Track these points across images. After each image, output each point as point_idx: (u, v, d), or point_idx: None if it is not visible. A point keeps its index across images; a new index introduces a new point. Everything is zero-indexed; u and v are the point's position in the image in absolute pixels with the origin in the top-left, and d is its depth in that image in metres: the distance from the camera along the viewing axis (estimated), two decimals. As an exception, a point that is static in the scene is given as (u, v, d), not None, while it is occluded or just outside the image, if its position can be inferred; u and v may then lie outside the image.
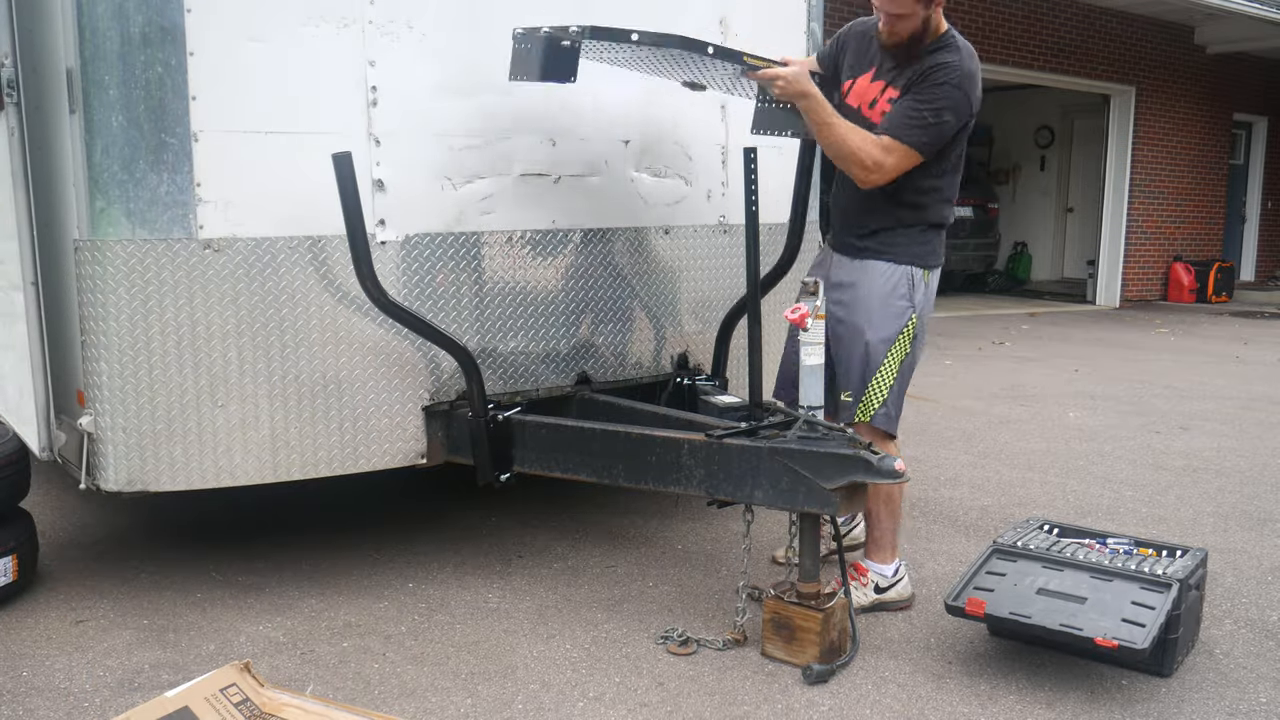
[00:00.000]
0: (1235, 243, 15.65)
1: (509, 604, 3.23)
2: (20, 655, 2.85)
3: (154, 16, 2.78)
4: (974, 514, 4.21)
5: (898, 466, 2.58)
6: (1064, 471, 4.88)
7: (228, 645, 2.92)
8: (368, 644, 2.94)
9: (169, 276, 2.87)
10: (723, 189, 3.82)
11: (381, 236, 3.12)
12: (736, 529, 3.65)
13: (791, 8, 3.94)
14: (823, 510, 2.72)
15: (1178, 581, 2.71)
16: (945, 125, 2.95)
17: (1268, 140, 15.65)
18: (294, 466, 3.09)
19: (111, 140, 2.80)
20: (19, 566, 3.16)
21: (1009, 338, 9.84)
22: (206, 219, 2.89)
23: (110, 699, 2.61)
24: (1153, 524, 4.10)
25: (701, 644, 2.94)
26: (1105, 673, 2.80)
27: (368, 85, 3.07)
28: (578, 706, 2.60)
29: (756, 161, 3.24)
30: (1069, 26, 12.09)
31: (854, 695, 2.68)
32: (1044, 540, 3.05)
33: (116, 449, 2.89)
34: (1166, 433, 5.75)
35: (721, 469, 2.86)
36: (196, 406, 2.94)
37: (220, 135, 2.89)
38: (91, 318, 2.85)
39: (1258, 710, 2.63)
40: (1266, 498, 4.50)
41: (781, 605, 2.82)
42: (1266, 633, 3.09)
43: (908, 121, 2.93)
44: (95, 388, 2.88)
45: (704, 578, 3.47)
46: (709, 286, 3.85)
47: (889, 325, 3.09)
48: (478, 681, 2.71)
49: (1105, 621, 2.63)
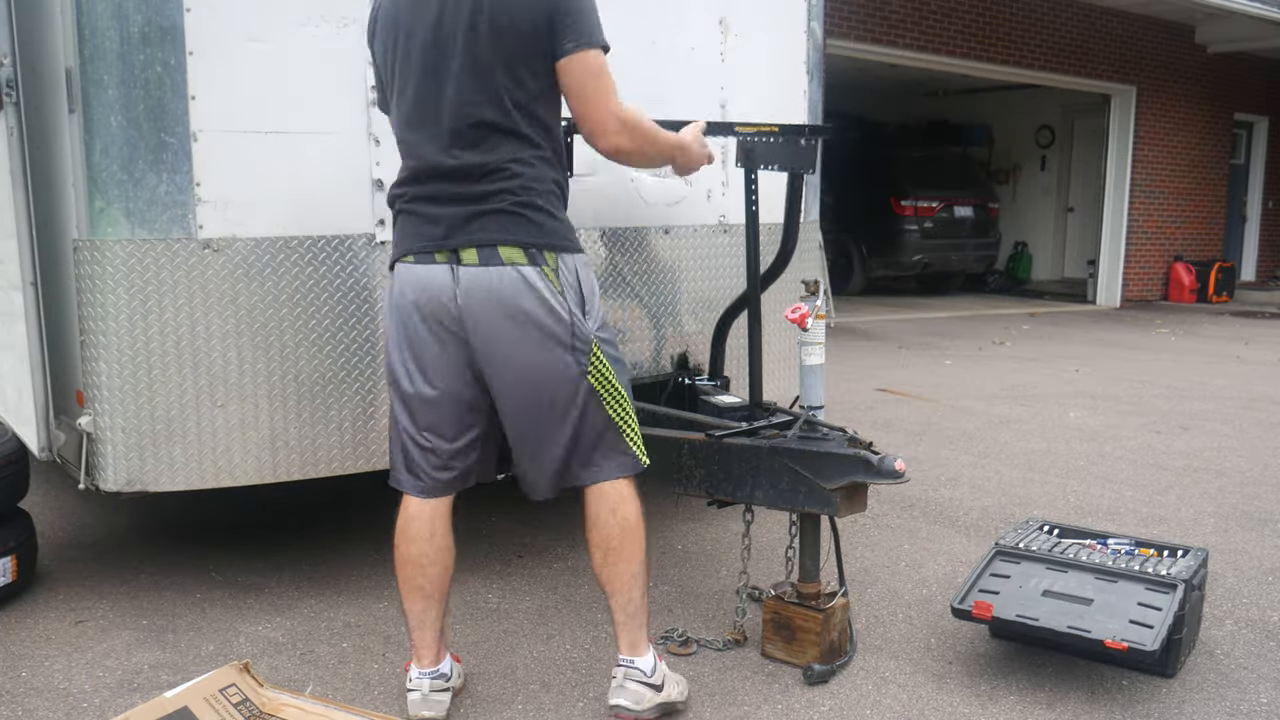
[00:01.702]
0: (1236, 242, 15.65)
1: (509, 604, 3.22)
2: (19, 655, 2.84)
3: (153, 16, 2.77)
4: (974, 514, 4.20)
5: (898, 466, 2.58)
6: (1064, 471, 4.87)
7: (227, 645, 2.92)
8: (368, 644, 2.94)
9: (168, 276, 2.86)
10: (723, 189, 3.81)
11: (381, 236, 3.12)
12: (736, 529, 3.64)
13: (791, 8, 3.94)
14: (823, 510, 2.72)
15: (1183, 582, 2.70)
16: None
17: (1268, 140, 15.65)
18: (294, 466, 3.09)
19: (111, 140, 2.79)
20: (18, 567, 3.15)
21: (1009, 338, 9.84)
22: (206, 219, 2.89)
23: (110, 699, 2.61)
24: (1153, 524, 4.09)
25: (701, 644, 2.94)
26: (1106, 673, 2.80)
27: (368, 85, 3.06)
28: (578, 707, 2.60)
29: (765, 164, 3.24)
30: (1069, 26, 12.08)
31: (854, 695, 2.68)
32: (1045, 541, 3.05)
33: (116, 449, 2.89)
34: (1167, 433, 5.74)
35: (721, 469, 2.86)
36: (196, 406, 2.93)
37: (220, 135, 2.89)
38: (91, 318, 2.85)
39: (1259, 711, 2.63)
40: (1267, 498, 4.50)
41: (781, 605, 2.82)
42: (1267, 633, 3.09)
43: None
44: (94, 388, 2.87)
45: (704, 578, 3.46)
46: (709, 286, 3.84)
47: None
48: (478, 681, 2.70)
49: (1113, 623, 2.62)
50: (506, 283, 2.29)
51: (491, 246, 2.29)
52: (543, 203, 2.34)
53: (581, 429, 2.40)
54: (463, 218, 2.31)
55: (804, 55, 3.98)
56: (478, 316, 2.31)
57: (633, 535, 2.44)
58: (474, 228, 2.30)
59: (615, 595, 2.46)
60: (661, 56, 3.58)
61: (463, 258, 2.30)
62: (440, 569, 2.50)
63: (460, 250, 2.30)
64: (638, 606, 2.46)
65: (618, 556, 2.43)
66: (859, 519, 3.94)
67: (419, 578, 2.49)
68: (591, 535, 2.46)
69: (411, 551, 2.48)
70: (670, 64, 3.60)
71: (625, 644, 2.48)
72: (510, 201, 2.30)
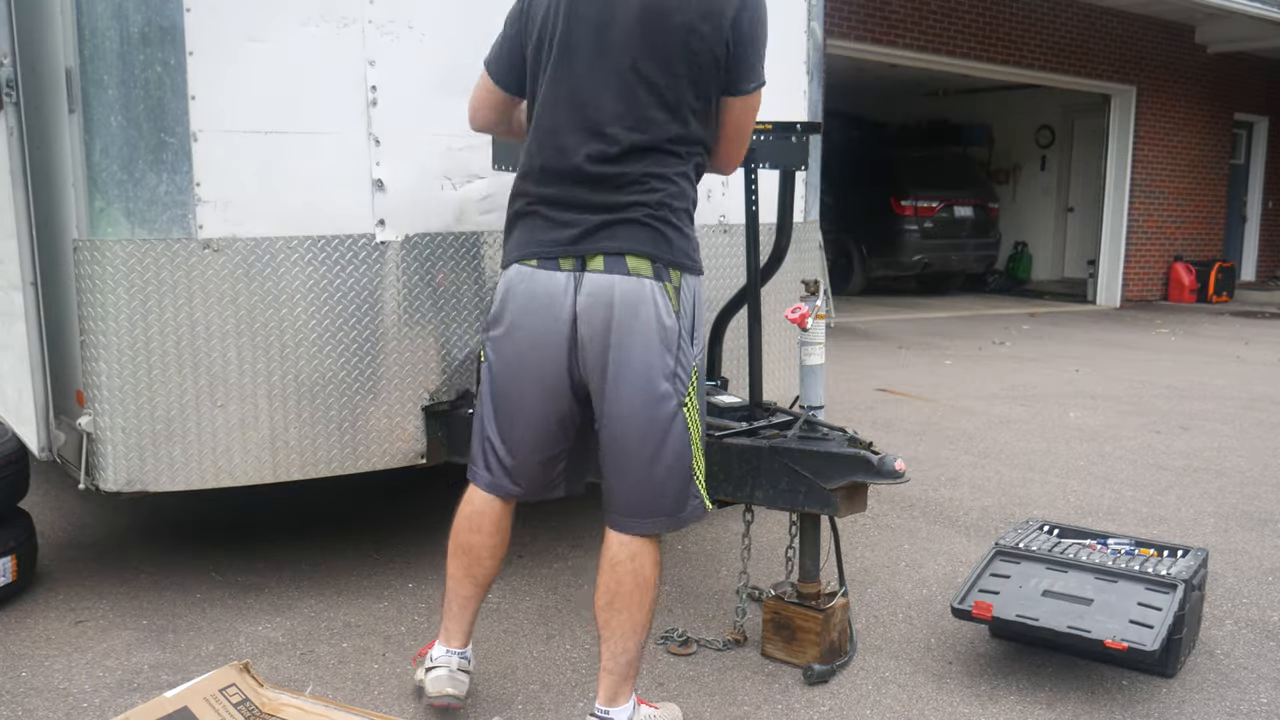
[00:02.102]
0: (1236, 242, 15.65)
1: (509, 604, 3.22)
2: (19, 655, 2.84)
3: (153, 16, 2.77)
4: (974, 514, 4.20)
5: (898, 466, 2.57)
6: (1064, 471, 4.87)
7: (227, 645, 2.92)
8: (368, 644, 2.94)
9: (168, 276, 2.86)
10: (723, 189, 3.81)
11: (381, 236, 3.12)
12: (736, 529, 3.64)
13: (791, 8, 3.93)
14: (823, 510, 2.72)
15: (1183, 582, 2.70)
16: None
17: (1268, 140, 15.65)
18: (294, 466, 3.09)
19: (111, 140, 2.79)
20: (18, 566, 3.15)
21: (1009, 338, 9.84)
22: (206, 219, 2.89)
23: (110, 699, 2.61)
24: (1153, 524, 4.09)
25: (701, 644, 2.94)
26: (1105, 673, 2.80)
27: (368, 85, 3.06)
28: (578, 707, 2.60)
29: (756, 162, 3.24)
30: (1069, 26, 12.08)
31: (854, 695, 2.67)
32: (1045, 541, 3.05)
33: (116, 449, 2.89)
34: (1167, 433, 5.74)
35: (721, 469, 2.85)
36: (196, 406, 2.93)
37: (220, 135, 2.89)
38: (91, 318, 2.85)
39: (1258, 711, 2.63)
40: (1267, 498, 4.50)
41: (781, 605, 2.82)
42: (1267, 633, 3.09)
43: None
44: (94, 388, 2.87)
45: (704, 578, 3.46)
46: (709, 286, 3.82)
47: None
48: (478, 681, 2.70)
49: (1113, 623, 2.62)
50: (628, 291, 2.23)
51: (619, 255, 2.23)
52: (676, 220, 2.29)
53: (663, 455, 2.30)
54: (594, 225, 2.25)
55: (804, 55, 3.98)
56: (593, 323, 2.24)
57: (645, 587, 2.33)
58: (604, 235, 2.24)
59: (609, 642, 2.33)
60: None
61: (588, 264, 2.25)
62: (497, 561, 2.53)
63: (587, 257, 2.25)
64: (631, 659, 2.34)
65: (624, 604, 2.32)
66: (859, 519, 3.94)
67: (476, 567, 2.51)
68: (603, 577, 2.36)
69: (474, 541, 2.49)
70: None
71: (605, 694, 2.34)
72: (644, 213, 2.25)
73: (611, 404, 2.29)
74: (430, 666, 2.52)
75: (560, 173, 2.29)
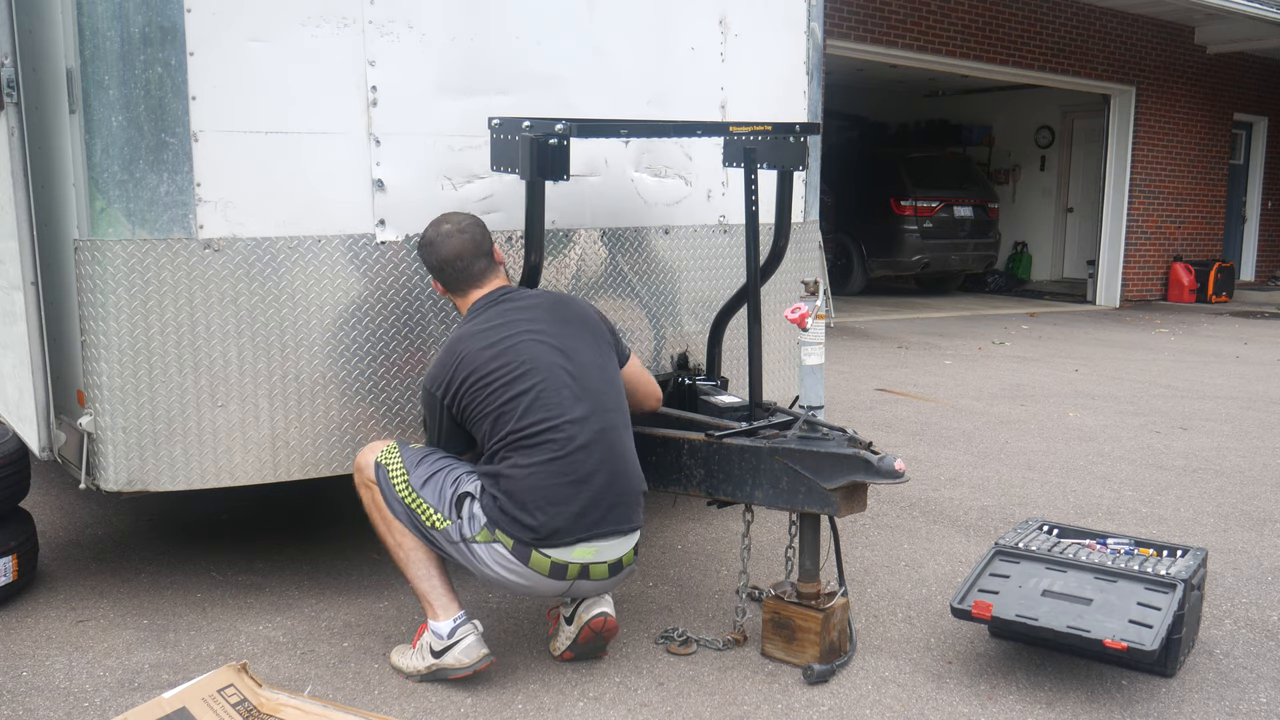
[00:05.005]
0: (1235, 243, 15.65)
1: (509, 604, 3.23)
2: (20, 655, 2.85)
3: (154, 16, 2.78)
4: (974, 514, 4.21)
5: (897, 466, 2.58)
6: (1064, 471, 4.88)
7: (227, 645, 2.92)
8: (368, 644, 2.94)
9: (169, 276, 2.87)
10: (723, 189, 3.81)
11: (381, 236, 3.12)
12: (736, 529, 3.65)
13: (791, 7, 3.94)
14: (823, 510, 2.72)
15: (1182, 582, 2.70)
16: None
17: (1268, 140, 15.65)
18: (294, 466, 3.09)
19: (111, 140, 2.80)
20: (19, 566, 3.15)
21: (1009, 338, 9.84)
22: (206, 219, 2.89)
23: (110, 699, 2.61)
24: (1153, 524, 4.10)
25: (701, 644, 2.94)
26: (1105, 673, 2.80)
27: (368, 85, 3.07)
28: (578, 706, 2.60)
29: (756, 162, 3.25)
30: (1069, 26, 12.09)
31: (854, 695, 2.68)
32: (1045, 541, 3.05)
33: (116, 449, 2.89)
34: (1166, 433, 5.75)
35: (721, 469, 2.86)
36: (196, 406, 2.94)
37: (220, 135, 2.89)
38: (91, 318, 2.85)
39: (1258, 710, 2.63)
40: (1266, 498, 4.50)
41: (781, 605, 2.82)
42: (1267, 633, 3.09)
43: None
44: (95, 387, 2.88)
45: (704, 578, 3.47)
46: (709, 286, 3.84)
47: None
48: (478, 681, 2.71)
49: (1112, 623, 2.62)
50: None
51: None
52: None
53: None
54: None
55: (804, 55, 3.98)
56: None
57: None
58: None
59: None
60: (661, 56, 3.58)
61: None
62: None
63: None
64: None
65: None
66: (859, 519, 3.94)
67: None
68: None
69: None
70: (670, 64, 3.61)
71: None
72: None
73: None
74: (449, 645, 2.64)
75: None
